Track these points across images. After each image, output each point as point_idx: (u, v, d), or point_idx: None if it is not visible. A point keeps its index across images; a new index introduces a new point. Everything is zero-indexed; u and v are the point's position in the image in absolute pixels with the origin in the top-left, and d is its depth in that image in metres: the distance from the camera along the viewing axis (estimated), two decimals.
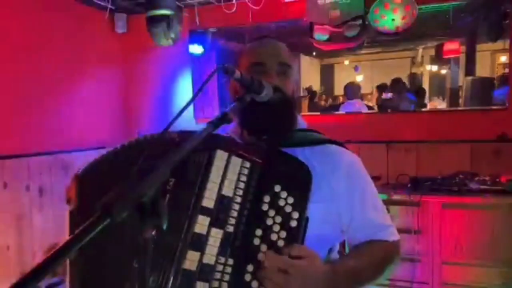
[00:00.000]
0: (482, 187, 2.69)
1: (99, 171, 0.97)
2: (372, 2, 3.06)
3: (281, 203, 0.87)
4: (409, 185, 2.90)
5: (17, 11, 2.94)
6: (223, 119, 0.82)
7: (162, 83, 3.90)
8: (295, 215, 0.86)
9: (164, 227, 0.59)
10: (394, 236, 1.06)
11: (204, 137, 0.76)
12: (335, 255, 1.07)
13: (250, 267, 0.83)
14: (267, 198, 0.87)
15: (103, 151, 1.02)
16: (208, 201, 0.85)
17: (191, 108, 3.45)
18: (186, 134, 0.83)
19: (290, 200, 0.87)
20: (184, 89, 3.80)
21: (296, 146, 1.02)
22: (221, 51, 4.23)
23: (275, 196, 0.87)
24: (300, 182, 0.88)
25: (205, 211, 0.85)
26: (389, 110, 4.42)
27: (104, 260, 0.88)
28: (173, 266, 0.82)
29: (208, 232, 0.84)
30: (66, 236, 0.94)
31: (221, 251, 0.84)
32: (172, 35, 3.42)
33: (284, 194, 0.87)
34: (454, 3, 3.24)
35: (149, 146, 0.91)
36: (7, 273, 2.68)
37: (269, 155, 0.90)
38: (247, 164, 0.88)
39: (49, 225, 2.99)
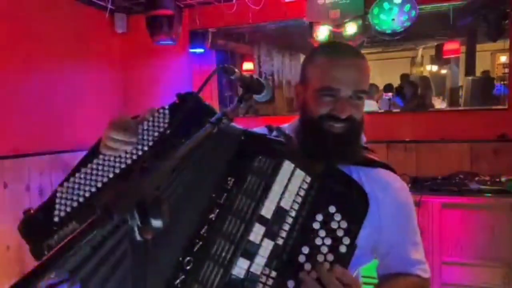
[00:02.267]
0: (482, 187, 2.69)
1: None
2: (372, 2, 3.06)
3: (334, 225, 0.84)
4: (409, 185, 2.89)
5: (17, 11, 2.93)
6: (223, 119, 0.82)
7: (162, 83, 3.90)
8: (346, 241, 0.83)
9: (164, 227, 0.59)
10: (426, 273, 1.06)
11: (206, 137, 0.76)
12: (357, 275, 1.06)
13: (291, 283, 0.81)
14: (319, 217, 0.85)
15: None
16: (267, 210, 0.83)
17: None
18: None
19: (343, 224, 0.84)
20: (184, 89, 3.80)
21: (352, 165, 1.00)
22: (221, 51, 4.23)
23: (329, 217, 0.85)
24: (356, 207, 0.86)
25: (263, 220, 0.83)
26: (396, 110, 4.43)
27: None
28: (221, 269, 0.80)
29: (261, 242, 0.82)
30: None
31: (268, 263, 0.82)
32: (172, 35, 3.42)
33: (338, 217, 0.84)
34: (454, 3, 3.24)
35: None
36: (7, 273, 2.68)
37: (328, 173, 0.88)
38: (308, 179, 0.86)
39: None
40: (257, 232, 0.82)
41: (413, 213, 1.07)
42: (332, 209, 0.85)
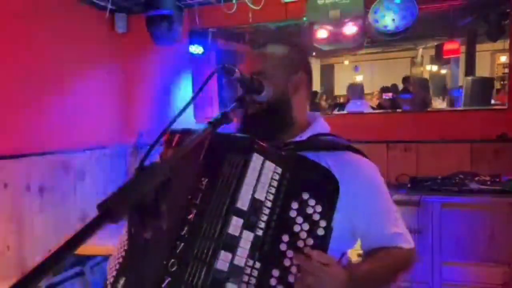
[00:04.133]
0: (482, 187, 2.69)
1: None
2: (372, 2, 3.06)
3: (309, 211, 0.88)
4: (409, 185, 2.90)
5: (17, 11, 2.94)
6: (223, 119, 0.82)
7: (162, 83, 3.90)
8: (323, 223, 0.87)
9: (164, 227, 0.59)
10: (408, 243, 1.09)
11: (206, 137, 0.76)
12: (345, 259, 1.09)
13: (276, 272, 0.84)
14: (295, 205, 0.88)
15: (103, 151, 1.03)
16: (243, 203, 0.86)
17: (191, 108, 3.45)
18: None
19: (318, 208, 0.87)
20: (184, 89, 3.80)
21: (318, 151, 1.04)
22: (221, 51, 4.23)
23: (303, 204, 0.88)
24: (327, 191, 0.89)
25: (239, 213, 0.86)
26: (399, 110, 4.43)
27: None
28: (205, 265, 0.82)
29: (241, 233, 0.85)
30: None
31: (250, 254, 0.84)
32: (172, 35, 3.42)
33: (312, 202, 0.88)
34: (454, 3, 3.24)
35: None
36: (7, 273, 2.68)
37: (298, 163, 0.91)
38: (279, 170, 0.89)
39: (49, 225, 2.99)
40: (235, 224, 0.85)
41: (384, 189, 1.10)
42: (305, 195, 0.88)
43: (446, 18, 3.53)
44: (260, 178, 0.88)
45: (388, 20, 3.00)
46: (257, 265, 0.84)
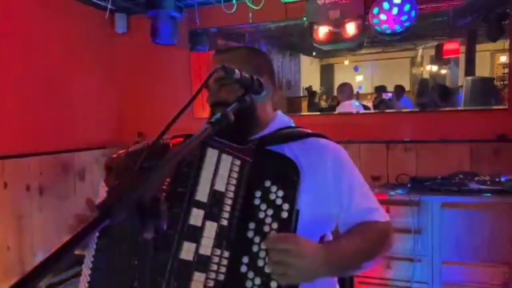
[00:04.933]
0: (482, 187, 2.69)
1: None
2: (372, 2, 3.06)
3: (272, 196, 0.91)
4: (409, 185, 2.89)
5: (17, 11, 2.94)
6: (223, 119, 0.82)
7: (162, 83, 3.90)
8: (286, 206, 0.90)
9: (165, 227, 0.59)
10: (384, 217, 1.10)
11: (203, 137, 0.76)
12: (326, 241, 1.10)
13: (245, 259, 0.88)
14: (258, 193, 0.91)
15: (103, 151, 1.05)
16: (202, 195, 0.89)
17: (191, 108, 3.45)
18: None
19: (280, 193, 0.91)
20: (184, 89, 3.80)
21: (281, 143, 1.05)
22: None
23: (266, 191, 0.91)
24: (288, 176, 0.92)
25: (199, 205, 0.89)
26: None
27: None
28: (170, 256, 0.86)
29: (203, 224, 0.88)
30: None
31: (217, 244, 0.88)
32: (172, 35, 3.42)
33: (274, 188, 0.91)
34: (454, 3, 3.24)
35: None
36: (7, 273, 2.68)
37: (257, 153, 0.95)
38: (237, 162, 0.93)
39: (49, 225, 2.99)
40: (196, 216, 0.88)
41: (351, 167, 1.11)
42: (267, 183, 0.92)
43: (446, 18, 3.53)
44: (218, 171, 0.91)
45: (388, 20, 3.00)
46: (226, 254, 0.88)
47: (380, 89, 6.29)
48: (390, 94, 6.25)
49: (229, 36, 4.24)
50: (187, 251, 0.86)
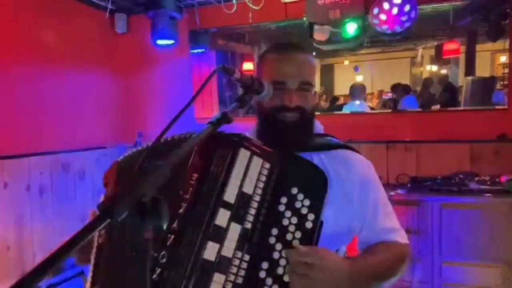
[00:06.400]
0: (482, 187, 2.69)
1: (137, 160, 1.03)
2: (372, 2, 3.06)
3: (298, 205, 0.90)
4: (409, 185, 2.90)
5: (17, 11, 2.94)
6: (223, 119, 0.82)
7: (162, 83, 3.90)
8: (311, 217, 0.89)
9: (165, 227, 0.59)
10: (404, 239, 1.09)
11: (206, 137, 0.76)
12: (341, 255, 1.10)
13: (265, 265, 0.86)
14: (284, 200, 0.90)
15: (103, 151, 1.04)
16: (230, 196, 0.88)
17: (191, 108, 3.45)
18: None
19: (306, 202, 0.90)
20: (184, 89, 3.80)
21: (312, 151, 1.05)
22: (221, 51, 4.23)
23: (292, 198, 0.90)
24: (316, 186, 0.91)
25: (226, 205, 0.87)
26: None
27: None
28: (192, 255, 0.84)
29: (228, 225, 0.86)
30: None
31: (239, 246, 0.86)
32: (172, 35, 3.42)
33: (300, 197, 0.90)
34: (454, 3, 3.24)
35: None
36: (7, 273, 2.68)
37: (287, 159, 0.93)
38: (267, 165, 0.91)
39: (49, 225, 2.99)
40: (222, 216, 0.86)
41: (378, 185, 1.11)
42: (294, 190, 0.91)
43: (446, 18, 3.53)
44: (248, 173, 0.89)
45: (388, 20, 3.00)
46: (246, 257, 0.86)
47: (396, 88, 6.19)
48: (390, 95, 6.25)
49: (229, 36, 4.25)
50: (211, 251, 0.84)
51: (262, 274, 0.86)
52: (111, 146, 3.56)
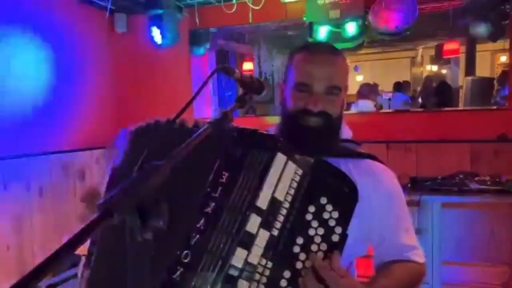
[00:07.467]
0: (482, 187, 2.68)
1: (154, 132, 0.99)
2: (372, 2, 3.06)
3: (326, 216, 0.86)
4: (409, 185, 2.90)
5: (17, 11, 2.94)
6: (223, 119, 0.82)
7: (162, 83, 3.90)
8: (338, 230, 0.86)
9: (165, 227, 0.59)
10: (421, 258, 1.08)
11: (205, 137, 0.76)
12: (353, 267, 1.08)
13: (287, 273, 0.83)
14: (312, 209, 0.87)
15: (103, 151, 1.03)
16: (262, 201, 0.84)
17: (191, 108, 3.45)
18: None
19: (335, 214, 0.86)
20: (184, 89, 3.80)
21: (339, 157, 1.02)
22: (221, 51, 4.23)
23: (321, 208, 0.87)
24: (346, 198, 0.88)
25: (258, 211, 0.84)
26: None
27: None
28: (220, 260, 0.81)
29: (258, 232, 0.83)
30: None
31: (264, 253, 0.83)
32: (172, 35, 3.42)
33: (329, 208, 0.87)
34: (454, 3, 3.24)
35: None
36: (7, 273, 2.68)
37: (319, 166, 0.90)
38: (300, 172, 0.88)
39: (49, 225, 2.99)
40: (253, 222, 0.83)
41: (402, 200, 1.09)
42: (323, 200, 0.87)
43: (446, 18, 3.53)
44: (282, 178, 0.86)
45: (388, 20, 3.00)
46: (269, 264, 0.83)
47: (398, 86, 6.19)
48: (390, 94, 6.25)
49: (229, 36, 4.25)
50: (239, 258, 0.81)
51: (283, 283, 0.83)
52: (111, 146, 3.56)
